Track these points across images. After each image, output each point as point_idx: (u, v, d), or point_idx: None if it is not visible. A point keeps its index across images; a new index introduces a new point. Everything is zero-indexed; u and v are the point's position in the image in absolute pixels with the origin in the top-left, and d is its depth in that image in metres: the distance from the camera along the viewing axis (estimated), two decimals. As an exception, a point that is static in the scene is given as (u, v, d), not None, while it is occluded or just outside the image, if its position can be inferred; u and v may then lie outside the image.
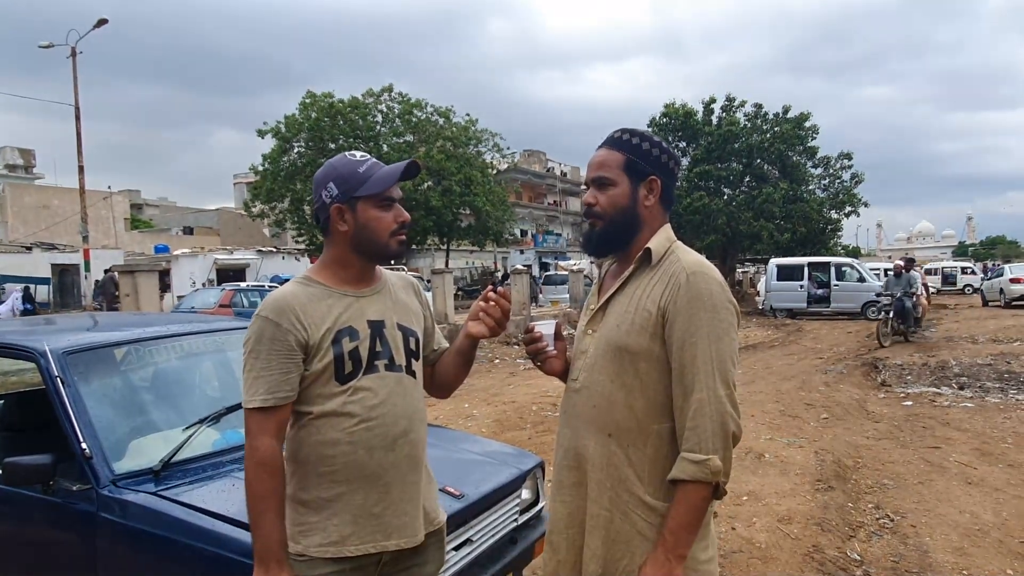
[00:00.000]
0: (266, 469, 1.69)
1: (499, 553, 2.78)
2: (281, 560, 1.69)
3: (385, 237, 1.84)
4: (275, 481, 1.70)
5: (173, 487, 2.38)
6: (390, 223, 1.84)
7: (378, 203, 1.82)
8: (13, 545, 2.68)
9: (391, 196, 1.84)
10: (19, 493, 2.50)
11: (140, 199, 53.44)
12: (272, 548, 1.68)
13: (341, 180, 1.82)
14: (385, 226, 1.83)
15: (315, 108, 30.53)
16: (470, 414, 8.31)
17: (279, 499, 1.71)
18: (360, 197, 1.81)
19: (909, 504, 4.95)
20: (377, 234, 1.83)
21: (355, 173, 1.81)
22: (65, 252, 28.86)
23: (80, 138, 24.17)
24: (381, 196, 1.81)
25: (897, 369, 11.19)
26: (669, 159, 1.82)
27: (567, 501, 1.81)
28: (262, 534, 1.68)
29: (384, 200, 1.82)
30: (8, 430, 3.54)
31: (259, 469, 1.69)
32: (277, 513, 1.70)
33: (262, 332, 1.74)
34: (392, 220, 1.84)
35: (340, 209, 1.83)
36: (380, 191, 1.80)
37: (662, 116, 32.93)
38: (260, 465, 1.69)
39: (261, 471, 1.69)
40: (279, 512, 1.70)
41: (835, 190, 32.86)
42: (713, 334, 1.63)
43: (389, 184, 1.81)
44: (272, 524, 1.69)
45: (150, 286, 11.86)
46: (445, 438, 3.38)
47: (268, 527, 1.68)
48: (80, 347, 2.76)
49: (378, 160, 1.88)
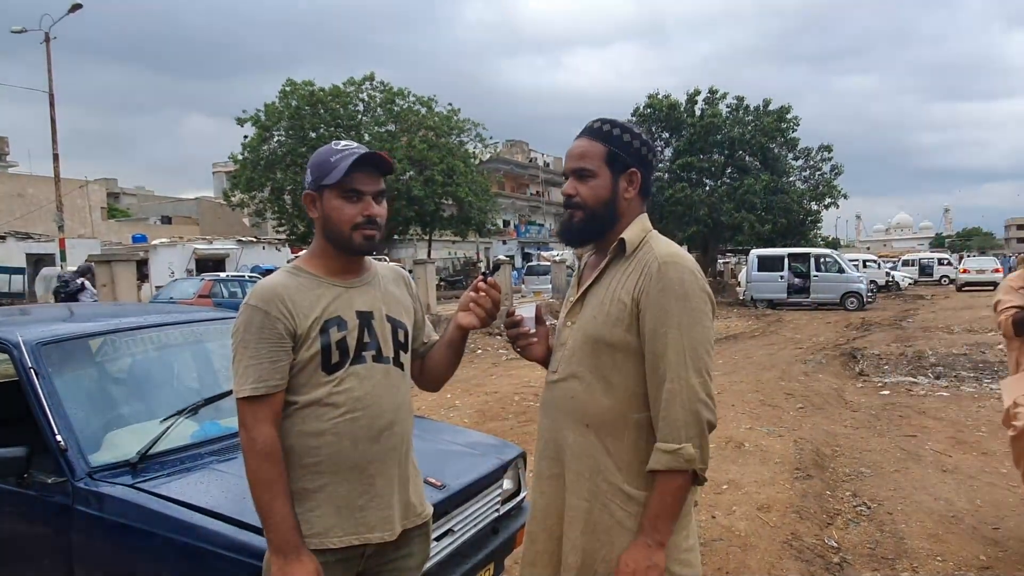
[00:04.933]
0: (267, 458, 1.68)
1: (481, 543, 2.78)
2: (298, 545, 1.68)
3: (347, 230, 1.80)
4: (277, 469, 1.69)
5: (150, 479, 2.35)
6: (353, 216, 1.79)
7: (341, 193, 1.79)
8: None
9: (356, 187, 1.79)
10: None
11: (117, 188, 52.77)
12: (287, 535, 1.67)
13: (315, 167, 1.82)
14: (346, 218, 1.79)
15: (295, 96, 30.27)
16: (452, 404, 8.31)
17: (284, 486, 1.70)
18: (326, 186, 1.79)
19: (886, 492, 5.01)
20: (339, 225, 1.80)
21: (327, 161, 1.79)
22: (40, 242, 28.43)
23: (55, 125, 23.76)
24: (344, 187, 1.78)
25: (875, 359, 11.32)
26: (648, 151, 1.82)
27: (546, 492, 1.81)
28: (275, 523, 1.67)
29: (348, 191, 1.79)
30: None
31: (260, 459, 1.68)
32: (285, 500, 1.69)
33: (251, 320, 1.73)
34: (356, 213, 1.79)
35: (311, 196, 1.84)
36: (337, 180, 1.77)
37: (646, 107, 32.96)
38: (260, 455, 1.68)
39: (263, 461, 1.68)
40: (287, 498, 1.69)
41: (815, 182, 33.15)
42: (685, 323, 1.63)
43: (343, 173, 1.76)
44: (283, 511, 1.68)
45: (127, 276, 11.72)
46: (427, 429, 3.37)
47: (279, 515, 1.67)
48: (54, 338, 2.71)
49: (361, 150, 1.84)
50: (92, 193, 37.82)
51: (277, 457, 1.70)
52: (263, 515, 1.69)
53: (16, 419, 3.08)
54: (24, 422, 2.55)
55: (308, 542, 1.73)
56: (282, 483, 1.70)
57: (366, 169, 1.80)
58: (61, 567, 2.36)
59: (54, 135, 23.87)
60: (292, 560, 1.67)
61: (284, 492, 1.69)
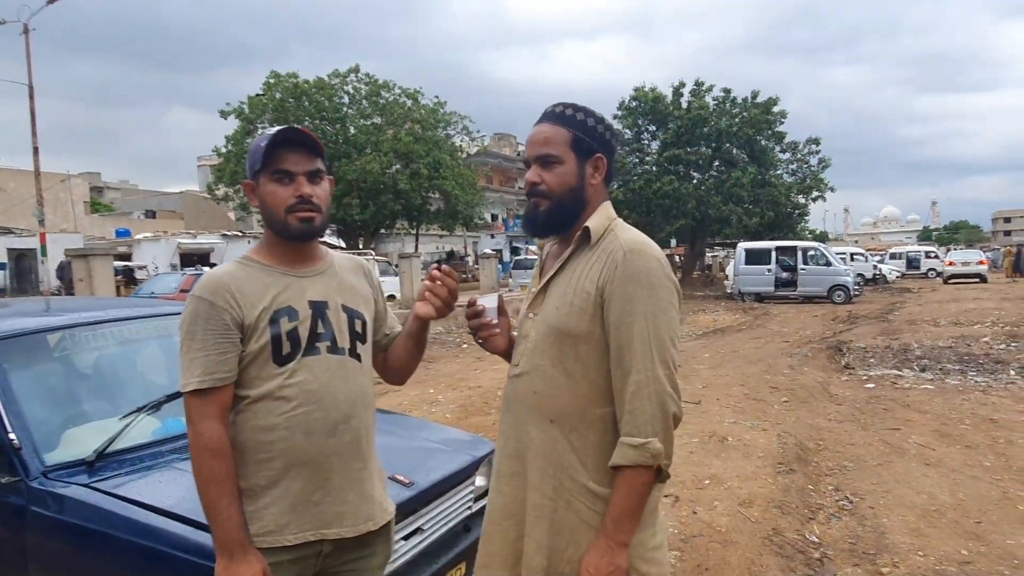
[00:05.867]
0: (213, 454, 1.63)
1: (452, 542, 2.72)
2: (245, 544, 1.63)
3: (281, 213, 1.74)
4: (224, 465, 1.64)
5: (107, 479, 2.29)
6: (285, 198, 1.73)
7: (271, 176, 1.73)
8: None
9: (284, 168, 1.73)
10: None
11: (100, 182, 52.46)
12: (233, 533, 1.62)
13: (249, 156, 1.77)
14: (279, 201, 1.73)
15: (279, 88, 30.00)
16: (435, 400, 8.25)
17: (231, 483, 1.65)
18: (259, 172, 1.74)
19: (868, 485, 4.99)
20: (274, 209, 1.74)
21: (258, 147, 1.74)
22: (21, 236, 28.14)
23: (34, 118, 23.50)
24: (272, 168, 1.72)
25: (860, 352, 11.34)
26: (612, 136, 1.76)
27: (504, 492, 1.75)
28: (219, 521, 1.62)
29: (276, 172, 1.73)
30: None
31: (206, 455, 1.63)
32: (232, 497, 1.64)
33: (196, 312, 1.68)
34: (288, 195, 1.73)
35: (250, 186, 1.79)
36: (264, 163, 1.72)
37: (631, 99, 32.90)
38: (206, 451, 1.63)
39: (208, 457, 1.63)
40: (234, 496, 1.64)
41: (803, 175, 33.21)
42: (651, 313, 1.57)
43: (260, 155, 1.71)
44: (229, 509, 1.63)
45: (104, 271, 11.55)
46: (399, 425, 3.32)
47: (225, 513, 1.62)
48: (9, 333, 2.64)
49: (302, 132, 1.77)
50: (75, 187, 37.49)
51: (224, 453, 1.64)
52: (208, 512, 1.64)
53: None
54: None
55: (262, 540, 1.68)
56: (229, 480, 1.64)
57: (294, 148, 1.73)
58: (16, 570, 2.29)
59: (34, 128, 23.60)
60: (238, 559, 1.61)
61: (231, 489, 1.64)
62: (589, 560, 1.58)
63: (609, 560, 1.56)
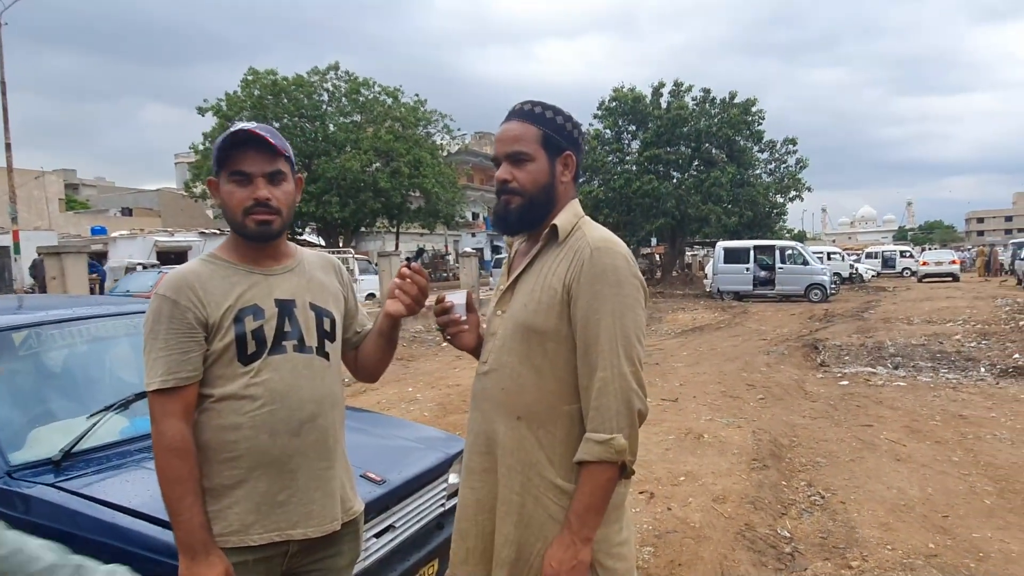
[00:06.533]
0: (176, 453, 1.62)
1: (424, 539, 2.72)
2: (208, 544, 1.62)
3: (239, 215, 1.72)
4: (187, 465, 1.63)
5: (74, 478, 2.26)
6: (242, 200, 1.71)
7: (229, 177, 1.72)
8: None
9: (241, 169, 1.70)
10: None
11: (76, 179, 51.76)
12: (195, 533, 1.61)
13: (214, 154, 1.75)
14: (236, 202, 1.71)
15: (258, 85, 29.73)
16: (414, 398, 8.21)
17: (194, 483, 1.63)
18: (220, 171, 1.73)
19: (840, 481, 5.05)
20: (231, 210, 1.73)
21: (219, 145, 1.72)
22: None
23: (7, 113, 23.10)
24: (230, 169, 1.71)
25: (836, 350, 11.46)
26: (580, 135, 1.78)
27: (476, 487, 1.76)
28: (182, 521, 1.61)
29: (234, 173, 1.71)
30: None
31: (168, 454, 1.62)
32: (195, 497, 1.63)
33: (160, 311, 1.67)
34: (245, 197, 1.71)
35: (214, 184, 1.77)
36: (225, 163, 1.70)
37: (611, 100, 32.99)
38: (169, 450, 1.62)
39: (171, 456, 1.62)
40: (197, 496, 1.63)
41: (781, 174, 33.46)
42: (617, 310, 1.59)
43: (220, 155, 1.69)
44: (191, 509, 1.61)
45: (78, 269, 11.41)
46: (372, 423, 3.31)
47: (187, 513, 1.61)
48: (-28, 331, 2.59)
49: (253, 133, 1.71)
50: (49, 184, 36.95)
51: (186, 452, 1.63)
52: (171, 512, 1.63)
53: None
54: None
55: (226, 540, 1.67)
56: (191, 480, 1.63)
57: (253, 149, 1.70)
58: (-21, 571, 2.26)
59: (6, 124, 23.19)
60: (200, 560, 1.60)
61: (193, 489, 1.63)
62: (552, 554, 1.59)
63: (572, 555, 1.57)
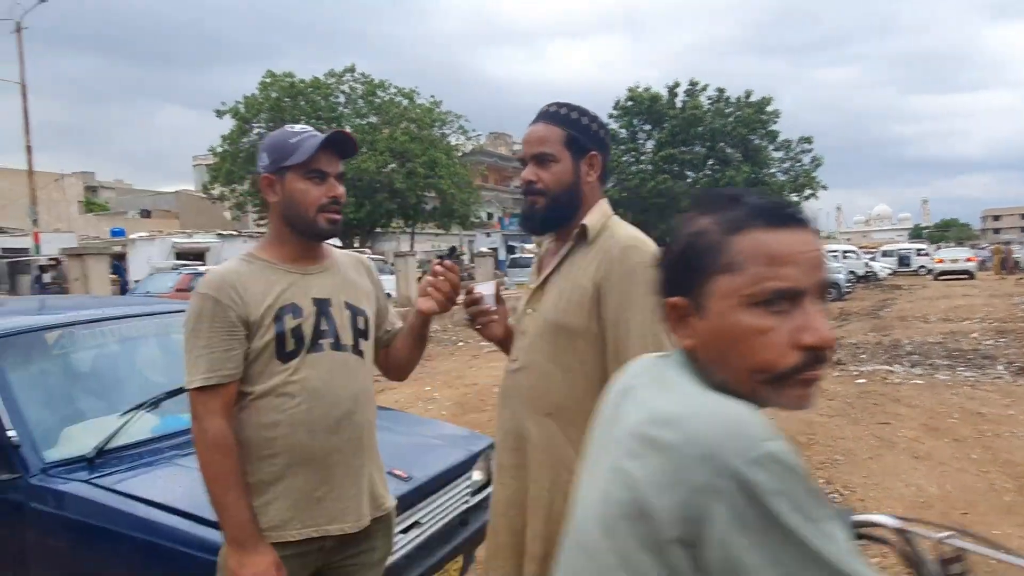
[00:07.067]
0: (219, 450, 1.66)
1: (449, 535, 2.76)
2: (256, 536, 1.66)
3: (311, 212, 1.77)
4: (230, 460, 1.67)
5: (107, 475, 2.31)
6: (318, 197, 1.76)
7: (305, 174, 1.76)
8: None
9: (320, 168, 1.76)
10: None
11: (95, 181, 52.25)
12: (244, 527, 1.65)
13: (273, 150, 1.78)
14: (311, 200, 1.76)
15: (275, 88, 30.00)
16: (431, 397, 8.28)
17: (238, 477, 1.67)
18: (288, 167, 1.76)
19: (858, 479, 5.04)
20: (303, 207, 1.77)
21: (286, 143, 1.76)
22: (15, 236, 28.04)
23: (27, 117, 23.46)
24: (308, 167, 1.75)
25: (852, 348, 11.39)
26: (606, 135, 1.81)
27: (507, 484, 1.79)
28: (230, 515, 1.65)
29: (312, 172, 1.76)
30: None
31: (212, 451, 1.66)
32: (240, 491, 1.67)
33: (201, 309, 1.70)
34: (321, 194, 1.76)
35: (270, 180, 1.80)
36: (304, 160, 1.74)
37: (627, 99, 33.01)
38: (212, 447, 1.66)
39: (214, 453, 1.66)
40: (242, 490, 1.67)
41: (795, 173, 33.33)
42: (647, 308, 1.60)
43: (311, 152, 1.74)
44: (237, 504, 1.65)
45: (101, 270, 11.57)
46: (396, 421, 3.34)
47: (233, 507, 1.65)
48: (7, 331, 2.66)
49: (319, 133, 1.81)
50: (69, 187, 37.35)
51: (229, 448, 1.67)
52: (217, 508, 1.67)
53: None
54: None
55: (266, 535, 1.70)
56: (235, 474, 1.67)
57: (328, 150, 1.77)
58: (16, 566, 2.31)
59: (27, 127, 23.57)
60: (250, 552, 1.64)
61: (238, 483, 1.67)
62: None
63: None
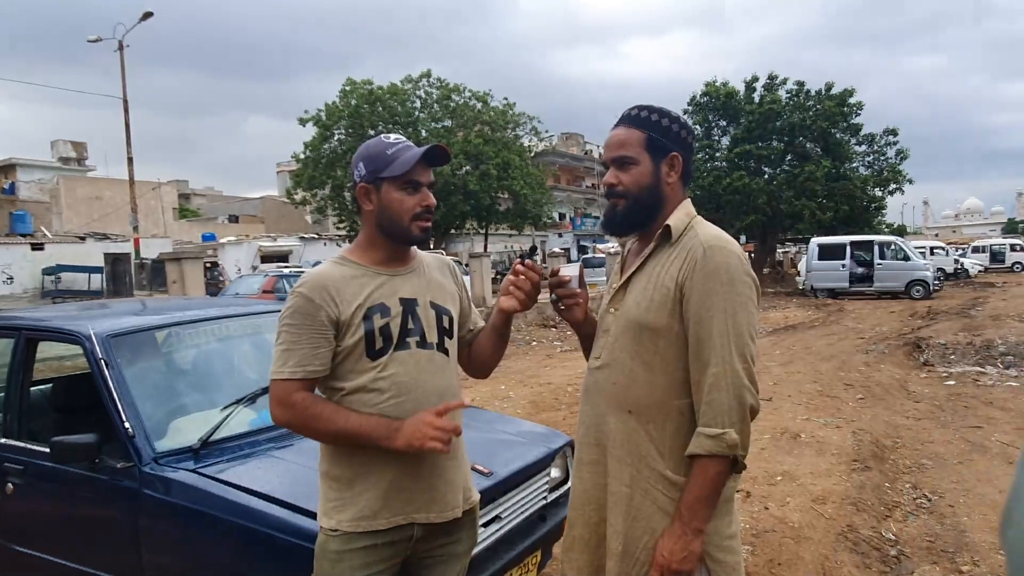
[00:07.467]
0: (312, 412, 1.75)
1: (528, 530, 2.82)
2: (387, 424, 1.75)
3: (406, 220, 1.85)
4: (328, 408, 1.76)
5: (212, 464, 2.47)
6: (412, 206, 1.85)
7: (401, 185, 1.84)
8: (63, 519, 2.82)
9: (415, 179, 1.84)
10: (69, 471, 2.61)
11: (188, 189, 54.59)
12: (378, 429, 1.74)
13: (369, 160, 1.86)
14: (406, 209, 1.84)
15: (355, 95, 30.66)
16: (506, 395, 8.38)
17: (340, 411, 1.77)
18: (385, 178, 1.83)
19: (947, 484, 4.88)
20: (398, 216, 1.85)
21: (383, 154, 1.84)
22: (117, 242, 29.61)
23: (129, 130, 24.61)
24: (404, 178, 1.83)
25: (941, 348, 10.95)
26: (688, 134, 1.81)
27: (584, 479, 1.83)
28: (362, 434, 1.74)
29: (407, 183, 1.84)
30: (59, 411, 3.70)
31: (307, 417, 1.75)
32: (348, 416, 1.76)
33: (296, 307, 1.79)
34: (415, 204, 1.85)
35: (366, 189, 1.87)
36: (402, 172, 1.82)
37: (702, 95, 32.44)
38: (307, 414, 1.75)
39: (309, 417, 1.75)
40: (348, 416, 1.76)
41: (879, 167, 32.02)
42: (730, 308, 1.62)
43: (408, 166, 1.81)
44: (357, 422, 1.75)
45: (196, 273, 12.15)
46: (476, 417, 3.41)
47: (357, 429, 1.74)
48: (123, 331, 2.86)
49: (412, 143, 1.89)
50: (164, 194, 39.21)
51: (316, 403, 1.76)
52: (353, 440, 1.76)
53: (90, 408, 3.27)
54: (97, 410, 2.69)
55: (356, 524, 1.78)
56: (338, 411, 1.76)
57: (421, 161, 1.85)
58: (130, 547, 2.49)
59: (128, 139, 24.72)
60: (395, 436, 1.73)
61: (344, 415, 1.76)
62: (664, 544, 1.64)
63: (683, 545, 1.61)
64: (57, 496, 2.81)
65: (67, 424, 3.29)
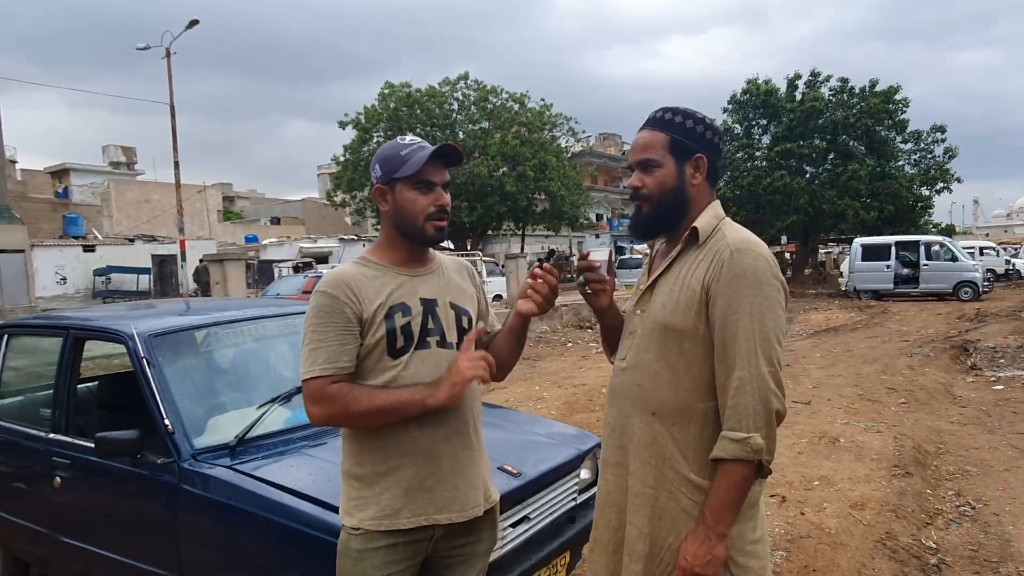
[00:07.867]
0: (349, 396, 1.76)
1: (557, 531, 2.82)
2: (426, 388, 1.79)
3: (420, 220, 1.86)
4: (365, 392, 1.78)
5: (248, 461, 2.52)
6: (426, 206, 1.86)
7: (414, 184, 1.85)
8: (107, 512, 2.92)
9: (428, 179, 1.86)
10: (112, 465, 2.71)
11: (232, 192, 55.70)
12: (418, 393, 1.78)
13: (384, 161, 1.89)
14: (420, 208, 1.86)
15: (393, 98, 31.01)
16: (540, 396, 8.38)
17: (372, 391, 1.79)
18: (398, 178, 1.86)
19: (993, 491, 4.76)
20: (412, 216, 1.87)
21: (397, 155, 1.86)
22: (164, 243, 30.37)
23: (175, 135, 25.19)
24: (416, 178, 1.85)
25: (989, 352, 10.65)
26: (714, 135, 1.80)
27: (607, 480, 1.84)
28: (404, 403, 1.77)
29: (420, 182, 1.85)
30: (105, 408, 3.82)
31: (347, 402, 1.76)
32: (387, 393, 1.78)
33: (320, 306, 1.81)
34: (429, 203, 1.86)
35: (381, 190, 1.90)
36: (413, 172, 1.84)
37: (743, 93, 32.02)
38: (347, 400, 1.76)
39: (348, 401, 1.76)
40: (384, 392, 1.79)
41: (926, 165, 31.22)
42: (756, 311, 1.61)
43: (419, 165, 1.83)
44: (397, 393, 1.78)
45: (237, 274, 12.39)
46: (507, 418, 3.44)
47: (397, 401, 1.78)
48: (164, 330, 2.95)
49: (427, 144, 1.91)
50: (209, 197, 40.06)
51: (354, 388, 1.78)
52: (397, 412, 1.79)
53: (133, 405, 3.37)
54: (139, 408, 2.77)
55: (378, 523, 1.80)
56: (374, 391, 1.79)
57: (435, 160, 1.86)
58: (169, 540, 2.56)
59: (175, 144, 25.32)
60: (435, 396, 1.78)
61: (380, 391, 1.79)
62: (687, 548, 1.63)
63: (707, 549, 1.61)
64: (101, 490, 2.91)
65: (112, 420, 3.39)
